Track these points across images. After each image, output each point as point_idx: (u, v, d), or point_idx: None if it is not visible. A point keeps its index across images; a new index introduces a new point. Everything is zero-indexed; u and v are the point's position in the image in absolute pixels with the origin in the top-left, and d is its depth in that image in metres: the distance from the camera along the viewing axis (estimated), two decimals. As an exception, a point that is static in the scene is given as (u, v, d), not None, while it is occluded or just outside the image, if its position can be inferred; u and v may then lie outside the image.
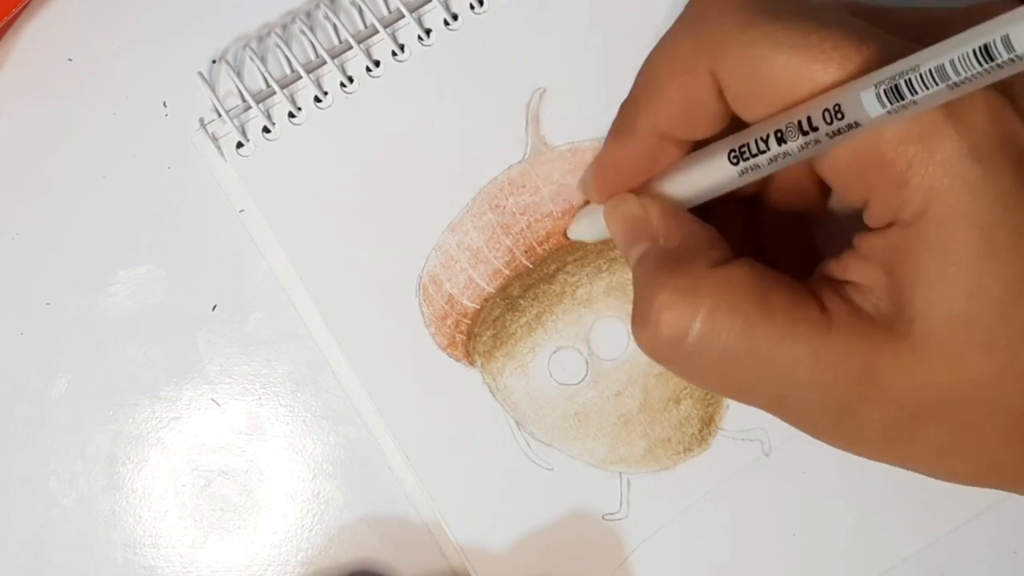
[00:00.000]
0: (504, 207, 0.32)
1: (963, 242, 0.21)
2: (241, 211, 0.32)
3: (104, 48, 0.33)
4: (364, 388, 0.31)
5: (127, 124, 0.33)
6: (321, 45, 0.32)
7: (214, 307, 0.32)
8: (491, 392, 0.32)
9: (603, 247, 0.32)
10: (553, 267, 0.32)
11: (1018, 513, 0.32)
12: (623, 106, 0.27)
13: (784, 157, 0.22)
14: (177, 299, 0.32)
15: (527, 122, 0.32)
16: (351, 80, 0.32)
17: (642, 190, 0.27)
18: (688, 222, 0.25)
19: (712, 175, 0.25)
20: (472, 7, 0.32)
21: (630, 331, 0.32)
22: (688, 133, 0.25)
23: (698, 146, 0.26)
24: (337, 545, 0.32)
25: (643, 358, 0.32)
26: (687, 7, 0.25)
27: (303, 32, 0.32)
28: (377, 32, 0.32)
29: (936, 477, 0.25)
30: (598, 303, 0.32)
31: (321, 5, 0.32)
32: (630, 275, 0.32)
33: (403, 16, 0.32)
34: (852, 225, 0.24)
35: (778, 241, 0.28)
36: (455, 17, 0.32)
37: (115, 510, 0.32)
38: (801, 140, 0.22)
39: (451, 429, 0.31)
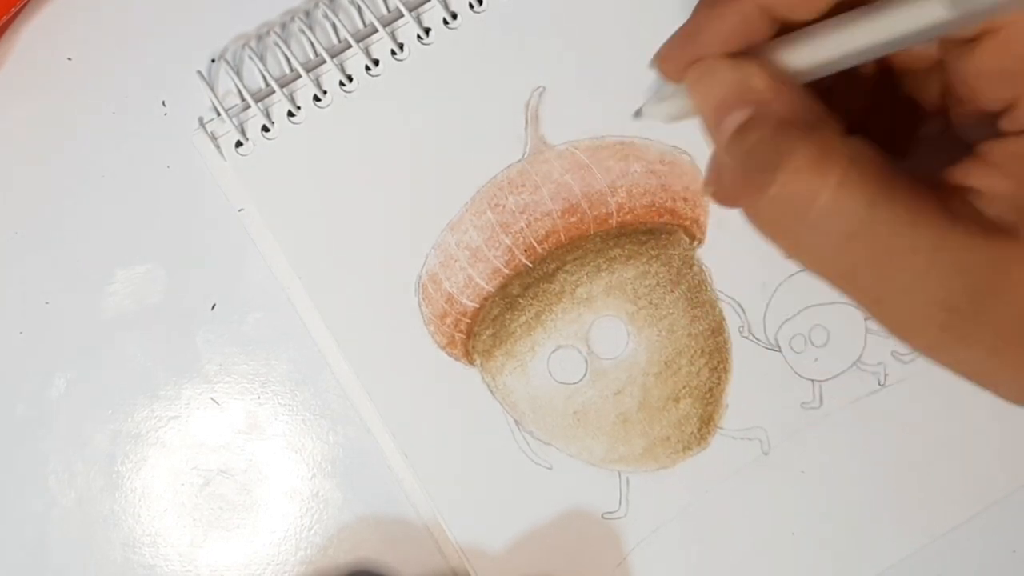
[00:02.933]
0: (503, 206, 0.32)
1: None
2: (240, 210, 0.32)
3: (104, 48, 0.33)
4: (363, 387, 0.31)
5: (127, 123, 0.33)
6: (320, 44, 0.32)
7: (213, 306, 0.32)
8: (490, 391, 0.32)
9: (602, 246, 0.32)
10: (552, 266, 0.32)
11: (1018, 513, 0.32)
12: None
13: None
14: (176, 298, 0.32)
15: (526, 121, 0.32)
16: (350, 79, 0.32)
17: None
18: (797, 89, 0.23)
19: (847, 41, 0.23)
20: (471, 6, 0.32)
21: (629, 330, 0.32)
22: (797, 11, 0.23)
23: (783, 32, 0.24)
24: (336, 544, 0.32)
25: (642, 357, 0.32)
26: None
27: (302, 31, 0.32)
28: (376, 31, 0.32)
29: None
30: (597, 302, 0.32)
31: (320, 4, 0.32)
32: (629, 274, 0.32)
33: (402, 15, 0.32)
34: (971, 133, 0.23)
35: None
36: (454, 16, 0.32)
37: (114, 509, 0.32)
38: None
39: (450, 428, 0.31)
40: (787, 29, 0.24)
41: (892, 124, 0.27)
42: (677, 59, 0.25)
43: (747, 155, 0.23)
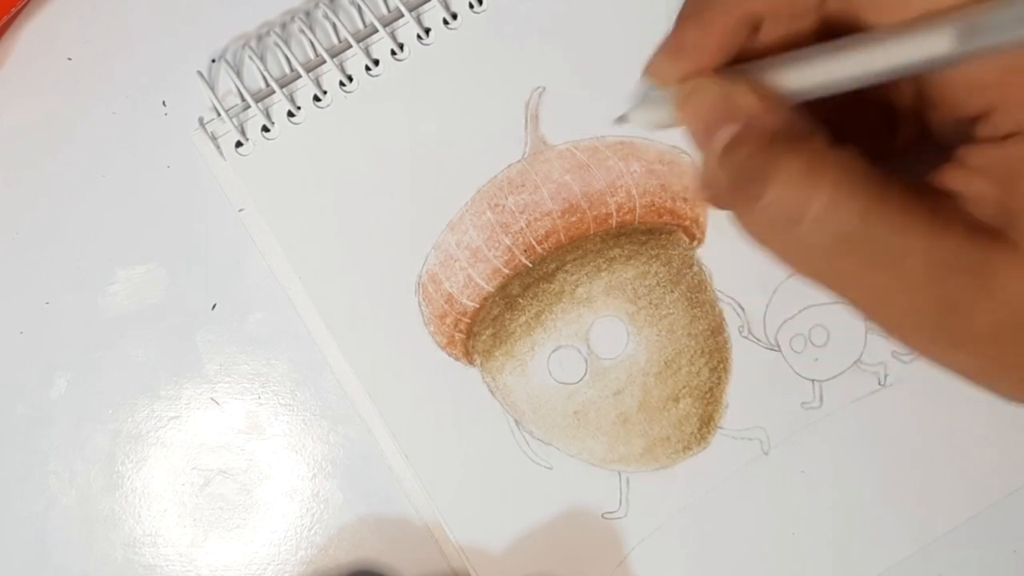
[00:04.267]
0: (503, 206, 0.32)
1: None
2: (240, 210, 0.32)
3: (104, 48, 0.33)
4: (363, 387, 0.31)
5: (127, 123, 0.33)
6: (320, 44, 0.32)
7: (213, 306, 0.32)
8: (490, 391, 0.32)
9: (602, 246, 0.32)
10: (552, 266, 0.32)
11: (1018, 513, 0.32)
12: None
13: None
14: (176, 298, 0.32)
15: (526, 121, 0.32)
16: (350, 79, 0.32)
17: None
18: (782, 104, 0.24)
19: (847, 75, 0.23)
20: (471, 6, 0.32)
21: (629, 330, 0.32)
22: (785, 21, 0.24)
23: (763, 48, 0.24)
24: (337, 544, 0.32)
25: (642, 357, 0.32)
26: None
27: (302, 31, 0.32)
28: (376, 31, 0.32)
29: None
30: (597, 302, 0.32)
31: (320, 4, 0.32)
32: (629, 274, 0.32)
33: (402, 15, 0.32)
34: (948, 137, 0.23)
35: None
36: (454, 16, 0.32)
37: (115, 509, 0.32)
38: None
39: (450, 428, 0.31)
40: (766, 47, 0.25)
41: (869, 130, 0.27)
42: (667, 72, 0.26)
43: (738, 169, 0.24)
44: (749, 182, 0.23)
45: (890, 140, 0.27)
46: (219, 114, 0.32)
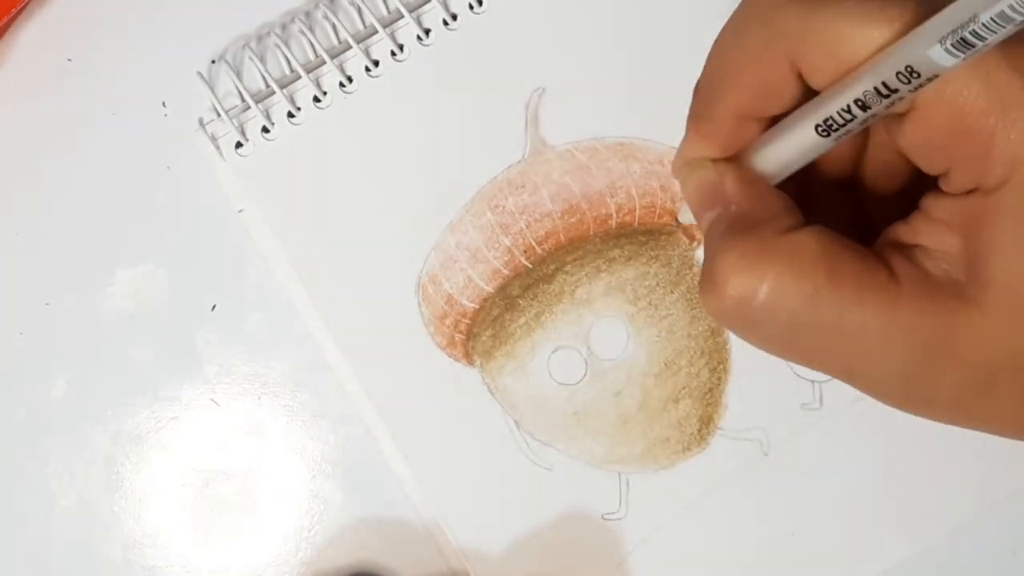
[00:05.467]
0: (503, 207, 0.32)
1: None
2: (240, 211, 0.32)
3: (104, 48, 0.33)
4: (363, 388, 0.31)
5: (127, 124, 0.33)
6: (320, 45, 0.32)
7: (213, 307, 0.32)
8: (490, 392, 0.32)
9: (602, 247, 0.32)
10: (552, 267, 0.32)
11: (1018, 513, 0.32)
12: (697, 92, 0.27)
13: (870, 119, 0.23)
14: (176, 299, 0.32)
15: (526, 122, 0.32)
16: (350, 80, 0.32)
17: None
18: (762, 188, 0.25)
19: (798, 146, 0.25)
20: (471, 7, 0.32)
21: (629, 331, 0.32)
22: (766, 111, 0.25)
23: (777, 119, 0.26)
24: (336, 545, 0.32)
25: (642, 358, 0.32)
26: None
27: (302, 32, 0.32)
28: (376, 32, 0.32)
29: (1012, 436, 0.24)
30: (597, 303, 0.32)
31: (320, 5, 0.32)
32: (629, 275, 0.32)
33: (402, 16, 0.32)
34: (919, 190, 0.24)
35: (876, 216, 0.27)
36: (454, 17, 0.32)
37: (114, 510, 0.32)
38: (884, 103, 0.22)
39: (450, 429, 0.31)
40: (778, 117, 0.25)
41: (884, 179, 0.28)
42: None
43: (706, 250, 0.25)
44: (707, 266, 0.24)
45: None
46: (219, 115, 0.32)
